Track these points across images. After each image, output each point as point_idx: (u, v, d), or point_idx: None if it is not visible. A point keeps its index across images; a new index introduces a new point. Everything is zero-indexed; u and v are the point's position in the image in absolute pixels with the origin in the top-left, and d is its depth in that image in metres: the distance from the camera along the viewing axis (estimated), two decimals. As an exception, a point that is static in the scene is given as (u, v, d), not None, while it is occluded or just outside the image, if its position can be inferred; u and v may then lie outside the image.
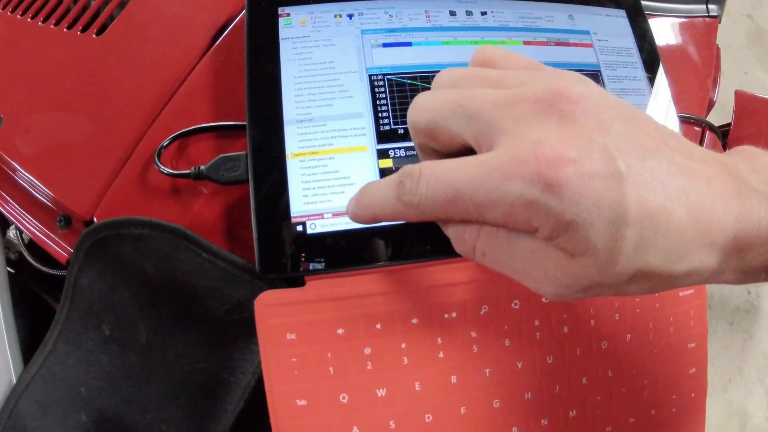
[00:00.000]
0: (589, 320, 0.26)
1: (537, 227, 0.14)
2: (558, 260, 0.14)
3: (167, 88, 0.29)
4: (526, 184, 0.13)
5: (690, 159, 0.15)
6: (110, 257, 0.27)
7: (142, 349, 0.28)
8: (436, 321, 0.24)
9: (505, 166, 0.14)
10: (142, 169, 0.28)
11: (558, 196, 0.13)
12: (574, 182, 0.13)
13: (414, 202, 0.15)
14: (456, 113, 0.15)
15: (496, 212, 0.14)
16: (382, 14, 0.27)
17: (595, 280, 0.14)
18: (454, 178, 0.14)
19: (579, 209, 0.13)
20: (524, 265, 0.15)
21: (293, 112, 0.25)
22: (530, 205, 0.14)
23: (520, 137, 0.14)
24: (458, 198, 0.14)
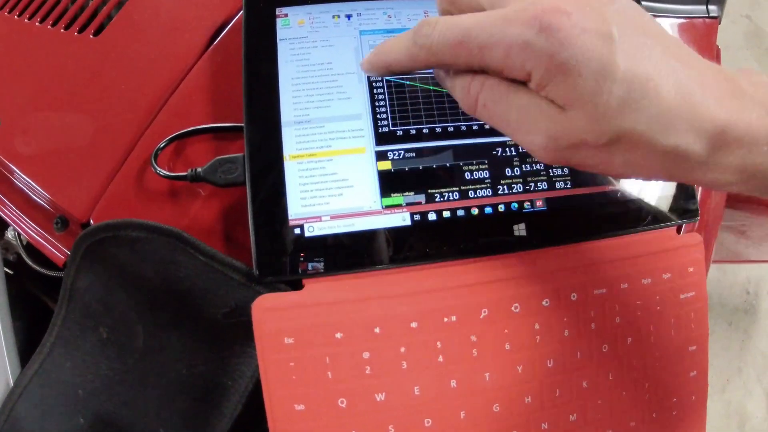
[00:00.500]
0: (590, 323, 0.26)
1: (530, 71, 0.16)
2: (549, 111, 0.16)
3: (164, 89, 0.29)
4: (524, 27, 0.15)
5: (688, 55, 0.16)
6: (107, 260, 0.27)
7: (139, 352, 0.28)
8: (436, 325, 0.24)
9: (509, 14, 0.16)
10: (139, 171, 0.28)
11: (550, 38, 0.15)
12: (566, 30, 0.15)
13: (427, 44, 0.17)
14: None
15: (496, 54, 0.16)
16: (380, 15, 0.27)
17: (581, 135, 0.16)
18: (466, 23, 0.16)
19: (569, 54, 0.15)
20: (518, 116, 0.17)
21: (291, 114, 0.25)
22: (525, 46, 0.15)
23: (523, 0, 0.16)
24: (466, 39, 0.16)
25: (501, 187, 0.26)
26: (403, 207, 0.24)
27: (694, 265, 0.29)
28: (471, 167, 0.25)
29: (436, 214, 0.25)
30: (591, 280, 0.26)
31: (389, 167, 0.25)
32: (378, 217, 0.24)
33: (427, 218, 0.25)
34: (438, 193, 0.25)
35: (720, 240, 0.60)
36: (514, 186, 0.26)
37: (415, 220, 0.24)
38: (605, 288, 0.26)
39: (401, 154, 0.25)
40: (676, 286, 0.28)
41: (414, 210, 0.25)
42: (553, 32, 0.15)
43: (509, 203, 0.25)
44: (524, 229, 0.25)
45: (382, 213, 0.24)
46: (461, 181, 0.25)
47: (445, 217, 0.25)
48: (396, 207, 0.24)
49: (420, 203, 0.25)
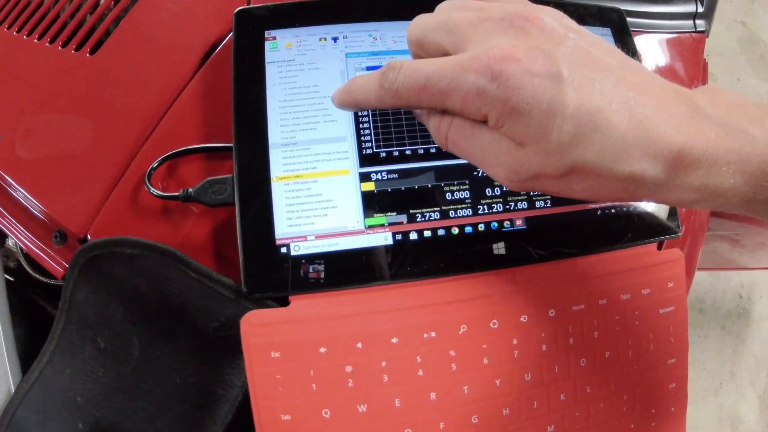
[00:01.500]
0: (568, 338, 0.27)
1: (486, 114, 0.17)
2: (508, 148, 0.17)
3: (159, 107, 0.30)
4: (477, 75, 0.17)
5: (644, 81, 0.17)
6: (104, 274, 0.28)
7: (135, 362, 0.29)
8: (416, 340, 0.25)
9: (465, 61, 0.17)
10: (134, 189, 0.29)
11: (502, 85, 0.16)
12: (516, 76, 0.16)
13: (393, 88, 0.18)
14: (440, 28, 0.19)
15: (455, 99, 0.17)
16: (366, 37, 0.28)
17: (538, 168, 0.17)
18: (427, 70, 0.18)
19: (519, 98, 0.16)
20: (483, 153, 0.18)
21: (278, 136, 0.26)
22: (480, 92, 0.17)
23: (482, 44, 0.17)
24: (428, 85, 0.18)
25: (481, 207, 0.26)
26: (385, 227, 0.25)
27: (674, 280, 0.30)
28: (452, 188, 0.26)
29: (418, 233, 0.26)
30: (569, 296, 0.27)
31: (372, 188, 0.26)
32: (361, 237, 0.25)
33: (409, 238, 0.25)
34: (419, 214, 0.26)
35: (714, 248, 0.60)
36: (494, 206, 0.26)
37: (397, 239, 0.25)
38: (583, 304, 0.27)
39: (384, 175, 0.26)
40: (655, 301, 0.29)
41: (396, 230, 0.25)
42: (504, 79, 0.16)
43: (489, 222, 0.26)
44: (503, 248, 0.26)
45: (365, 233, 0.25)
46: (442, 201, 0.26)
47: (426, 236, 0.26)
48: (379, 227, 0.25)
49: (402, 223, 0.25)
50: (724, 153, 0.16)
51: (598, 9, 0.31)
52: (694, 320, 0.89)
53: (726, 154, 0.16)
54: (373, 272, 0.25)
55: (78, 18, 0.33)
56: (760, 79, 1.11)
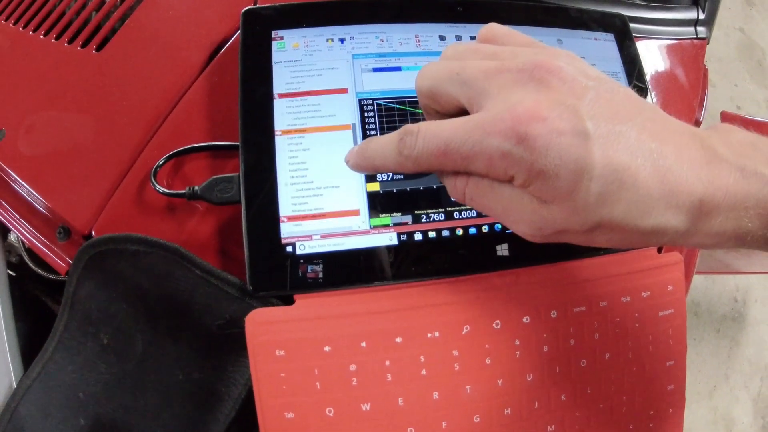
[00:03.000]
0: (569, 340, 0.27)
1: (513, 176, 0.17)
2: (532, 205, 0.17)
3: (165, 105, 0.30)
4: (502, 138, 0.16)
5: (663, 128, 0.17)
6: (108, 271, 0.28)
7: (138, 359, 0.29)
8: (420, 340, 0.25)
9: (487, 123, 0.16)
10: (140, 186, 0.29)
11: (528, 148, 0.16)
12: (542, 137, 0.16)
13: (412, 155, 0.18)
14: (453, 80, 0.18)
15: (479, 163, 0.17)
16: (373, 39, 0.28)
17: (563, 225, 0.17)
18: (446, 134, 0.17)
19: (547, 161, 0.16)
20: (504, 209, 0.18)
21: (285, 136, 0.26)
22: (505, 156, 0.16)
23: (502, 100, 0.17)
24: (448, 151, 0.17)
25: (485, 208, 0.27)
26: (390, 227, 0.25)
27: (674, 283, 0.30)
28: (457, 189, 0.26)
29: (422, 234, 0.26)
30: (571, 298, 0.27)
31: (378, 189, 0.26)
32: (366, 237, 0.25)
33: (414, 238, 0.26)
34: (424, 214, 0.26)
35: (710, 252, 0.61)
36: (498, 207, 0.27)
37: (402, 240, 0.26)
38: (585, 306, 0.28)
39: (389, 176, 0.26)
40: (655, 304, 0.30)
41: (401, 230, 0.26)
42: (530, 142, 0.16)
43: (493, 224, 0.27)
44: (507, 249, 0.26)
45: (370, 233, 0.25)
46: (447, 202, 0.26)
47: (430, 237, 0.26)
48: (383, 227, 0.25)
49: (407, 224, 0.26)
50: (743, 198, 0.16)
51: (602, 15, 0.32)
52: (689, 323, 0.90)
53: (744, 198, 0.16)
54: (378, 272, 0.25)
55: (84, 15, 0.34)
56: (758, 85, 1.12)
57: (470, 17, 0.30)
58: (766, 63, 1.15)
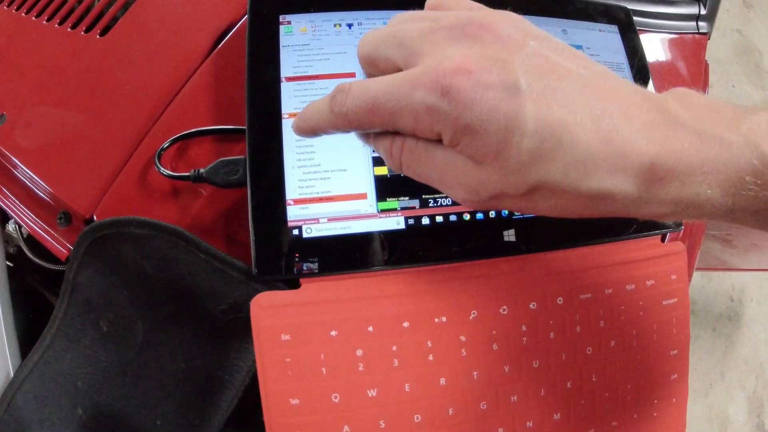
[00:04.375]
0: (575, 327, 0.27)
1: (439, 132, 0.16)
2: (466, 167, 0.16)
3: (169, 89, 0.30)
4: (426, 91, 0.15)
5: (612, 88, 0.16)
6: (110, 255, 0.28)
7: (138, 346, 0.29)
8: (427, 325, 0.25)
9: (415, 77, 0.16)
10: (143, 170, 0.28)
11: (453, 101, 0.15)
12: (467, 90, 0.15)
13: (342, 111, 0.17)
14: (389, 43, 0.17)
15: (406, 119, 0.16)
16: (381, 24, 0.28)
17: (499, 188, 0.16)
18: (374, 90, 0.16)
19: (472, 115, 0.15)
20: (439, 174, 0.17)
21: (292, 119, 0.26)
22: (430, 110, 0.15)
23: (432, 57, 0.16)
24: (377, 106, 0.16)
25: (492, 194, 0.27)
26: (398, 211, 0.25)
27: (677, 272, 0.30)
28: (464, 174, 0.26)
29: (429, 218, 0.26)
30: (577, 285, 0.27)
31: (385, 172, 0.26)
32: (374, 221, 0.25)
33: (421, 222, 0.26)
34: (431, 199, 0.26)
35: (706, 248, 0.62)
36: (505, 193, 0.27)
37: (409, 224, 0.25)
38: (590, 293, 0.28)
39: (397, 160, 0.26)
40: (659, 293, 0.30)
41: (408, 214, 0.26)
42: (454, 94, 0.15)
43: (499, 210, 0.27)
44: (513, 235, 0.26)
45: (377, 216, 0.25)
46: (454, 187, 0.26)
47: (437, 221, 0.26)
48: (391, 211, 0.25)
49: (414, 208, 0.26)
50: (700, 163, 0.15)
51: (606, 7, 0.32)
52: None
53: (702, 164, 0.15)
54: (385, 256, 0.25)
55: (88, 1, 0.33)
56: (755, 86, 1.14)
57: (477, 6, 0.30)
58: (763, 65, 1.17)
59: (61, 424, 0.29)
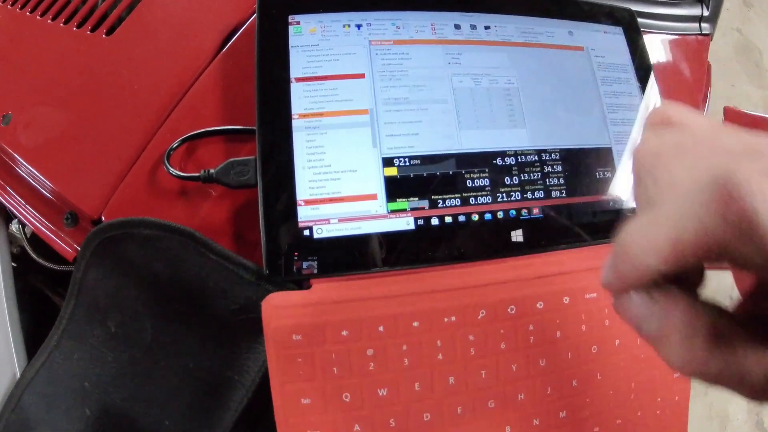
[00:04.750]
0: (581, 326, 0.28)
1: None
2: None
3: (177, 89, 0.30)
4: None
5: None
6: (118, 256, 0.28)
7: (146, 346, 0.29)
8: (436, 324, 0.25)
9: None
10: (151, 170, 0.28)
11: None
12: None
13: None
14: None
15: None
16: (389, 25, 0.28)
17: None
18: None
19: None
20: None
21: (302, 120, 0.26)
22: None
23: None
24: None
25: (500, 194, 0.27)
26: (407, 212, 0.26)
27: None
28: (472, 175, 0.27)
29: (439, 219, 0.26)
30: (582, 285, 0.28)
31: (395, 173, 0.26)
32: (384, 221, 0.25)
33: (430, 223, 0.26)
34: (441, 199, 0.26)
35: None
36: (512, 194, 0.27)
37: (419, 224, 0.26)
38: (595, 293, 0.28)
39: (407, 161, 0.26)
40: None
41: (418, 215, 0.26)
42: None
43: (508, 210, 0.27)
44: (521, 235, 0.27)
45: (387, 217, 0.25)
46: (463, 188, 0.26)
47: (447, 222, 0.26)
48: (401, 212, 0.26)
49: (423, 208, 0.26)
50: None
51: (611, 9, 0.32)
52: None
53: None
54: (395, 256, 0.25)
55: (92, 0, 0.33)
56: (754, 86, 1.14)
57: (484, 6, 0.30)
58: (763, 64, 1.17)
59: (68, 424, 0.29)
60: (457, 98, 0.27)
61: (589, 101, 0.30)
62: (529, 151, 0.28)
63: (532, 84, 0.29)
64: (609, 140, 0.30)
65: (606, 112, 0.30)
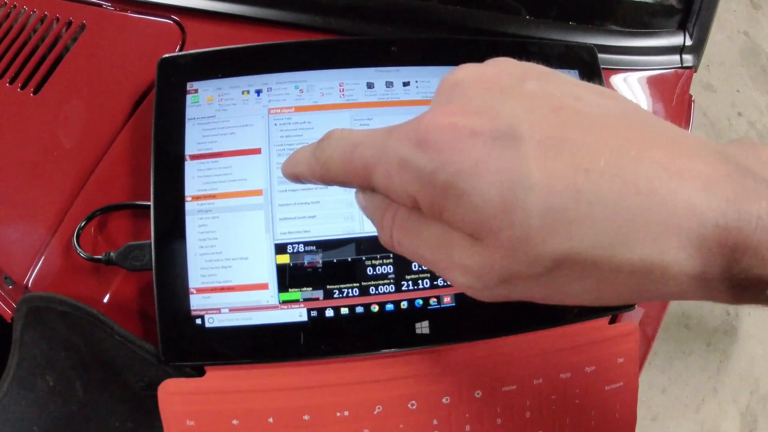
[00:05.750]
0: (495, 419, 0.26)
1: (414, 196, 0.12)
2: (462, 244, 0.12)
3: (93, 156, 0.29)
4: (401, 141, 0.12)
5: (652, 129, 0.12)
6: (45, 323, 0.29)
7: (81, 403, 0.30)
8: (328, 419, 0.24)
9: (396, 128, 0.13)
10: (69, 241, 0.29)
11: (429, 152, 0.12)
12: (446, 138, 0.11)
13: (322, 158, 0.14)
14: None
15: (378, 173, 0.13)
16: (292, 89, 0.26)
17: (507, 268, 0.12)
18: (356, 136, 0.14)
19: (454, 169, 0.11)
20: (432, 253, 0.13)
21: (195, 203, 0.25)
22: (402, 164, 0.12)
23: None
24: (354, 156, 0.13)
25: (405, 282, 0.25)
26: (300, 303, 0.24)
27: (625, 355, 0.27)
28: (374, 262, 0.25)
29: (334, 310, 0.24)
30: (499, 376, 0.25)
31: (287, 261, 0.24)
32: (275, 312, 0.24)
33: (325, 314, 0.24)
34: (337, 289, 0.24)
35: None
36: (420, 281, 0.25)
37: (312, 316, 0.24)
38: (515, 384, 0.26)
39: (301, 247, 0.24)
40: (601, 378, 0.27)
41: (311, 306, 0.24)
42: (431, 145, 0.11)
43: (413, 300, 0.25)
44: (427, 327, 0.25)
45: (278, 308, 0.24)
46: (362, 276, 0.24)
47: (343, 313, 0.24)
48: (293, 302, 0.24)
49: (318, 299, 0.24)
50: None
51: (566, 48, 0.28)
52: (680, 336, 0.86)
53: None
54: (287, 349, 0.24)
55: (23, 55, 0.33)
56: (760, 91, 1.01)
57: (405, 59, 0.26)
58: (770, 68, 1.03)
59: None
60: (362, 173, 0.25)
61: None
62: (442, 232, 0.25)
63: (455, 150, 0.26)
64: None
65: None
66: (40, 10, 0.33)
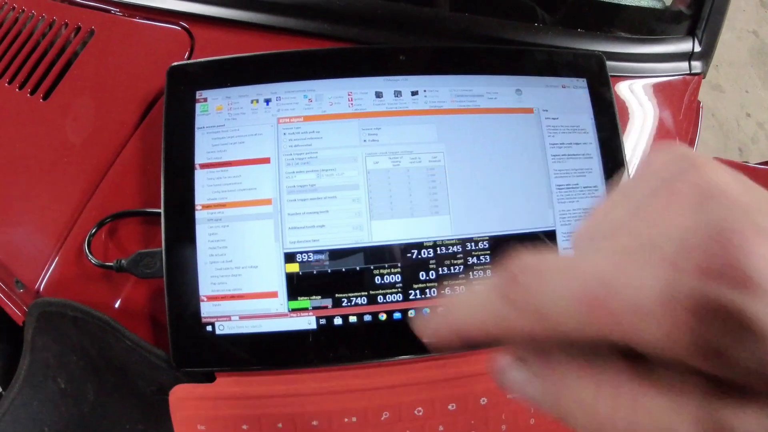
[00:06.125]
0: (500, 425, 0.26)
1: (741, 367, 0.08)
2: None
3: (104, 162, 0.30)
4: (705, 279, 0.08)
5: None
6: (57, 328, 0.29)
7: (91, 404, 0.31)
8: (336, 424, 0.25)
9: (681, 251, 0.09)
10: (80, 246, 0.29)
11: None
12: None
13: (529, 301, 0.10)
14: None
15: (657, 324, 0.08)
16: (300, 98, 0.26)
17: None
18: (595, 268, 0.09)
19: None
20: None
21: (205, 211, 0.25)
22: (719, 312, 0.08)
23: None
24: (609, 298, 0.09)
25: (413, 291, 0.25)
26: (309, 311, 0.25)
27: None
28: (382, 271, 0.25)
29: (342, 319, 0.25)
30: (505, 383, 0.26)
31: (297, 270, 0.25)
32: (284, 320, 0.25)
33: (333, 323, 0.25)
34: (345, 298, 0.25)
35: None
36: (427, 290, 0.25)
37: (321, 324, 0.25)
38: (520, 391, 0.26)
39: (310, 256, 0.25)
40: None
41: (320, 314, 0.25)
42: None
43: (420, 308, 0.25)
44: (434, 335, 0.25)
45: (288, 316, 0.25)
46: (370, 285, 0.25)
47: (351, 322, 0.25)
48: (302, 311, 0.25)
49: (326, 307, 0.25)
50: None
51: (574, 56, 0.28)
52: None
53: None
54: (296, 356, 0.25)
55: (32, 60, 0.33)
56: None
57: (414, 67, 0.26)
58: (780, 68, 1.02)
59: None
60: (370, 183, 0.25)
61: (532, 176, 0.26)
62: (450, 242, 0.25)
63: (463, 160, 0.26)
64: (553, 221, 0.26)
65: (553, 188, 0.26)
66: (48, 16, 0.33)
